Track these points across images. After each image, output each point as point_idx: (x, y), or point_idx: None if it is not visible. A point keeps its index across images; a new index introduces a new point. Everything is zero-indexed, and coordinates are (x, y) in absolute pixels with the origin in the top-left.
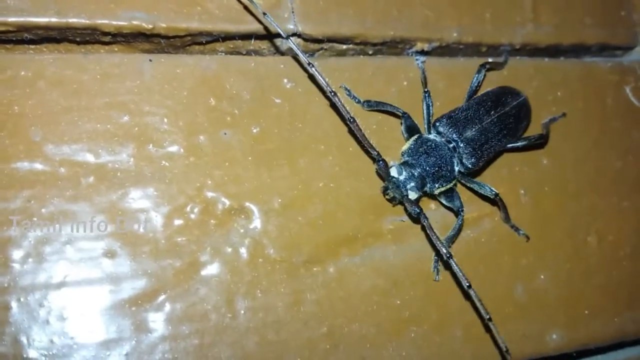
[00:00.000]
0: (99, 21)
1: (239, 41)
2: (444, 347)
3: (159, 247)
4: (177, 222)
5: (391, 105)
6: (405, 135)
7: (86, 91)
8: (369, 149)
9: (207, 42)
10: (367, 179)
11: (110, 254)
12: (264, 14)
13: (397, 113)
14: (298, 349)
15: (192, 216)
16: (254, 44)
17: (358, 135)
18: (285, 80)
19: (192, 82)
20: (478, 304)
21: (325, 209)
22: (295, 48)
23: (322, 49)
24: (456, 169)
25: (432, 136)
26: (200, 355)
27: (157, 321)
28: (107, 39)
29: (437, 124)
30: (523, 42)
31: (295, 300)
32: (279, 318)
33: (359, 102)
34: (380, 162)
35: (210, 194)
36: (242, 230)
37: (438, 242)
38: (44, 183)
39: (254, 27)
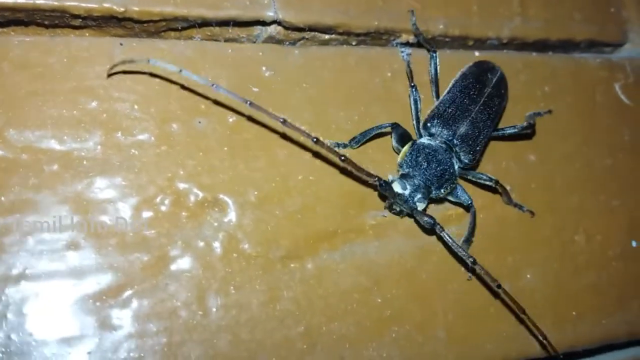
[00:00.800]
0: (68, 3)
1: (217, 28)
2: (426, 347)
3: (126, 240)
4: (146, 214)
5: (375, 127)
6: (397, 145)
7: (52, 75)
8: (367, 178)
9: (183, 29)
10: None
11: (74, 246)
12: None
13: (386, 130)
14: (273, 348)
15: (163, 208)
16: (231, 32)
17: (353, 170)
18: (264, 69)
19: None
20: (510, 303)
21: (304, 203)
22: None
23: (304, 38)
24: (456, 167)
25: (426, 140)
26: (169, 354)
27: (122, 318)
28: (78, 22)
29: (428, 125)
30: (511, 36)
31: (271, 298)
32: (254, 316)
33: (345, 146)
34: (382, 184)
35: (182, 185)
36: (215, 224)
37: (460, 250)
38: (5, 170)
39: (232, 12)
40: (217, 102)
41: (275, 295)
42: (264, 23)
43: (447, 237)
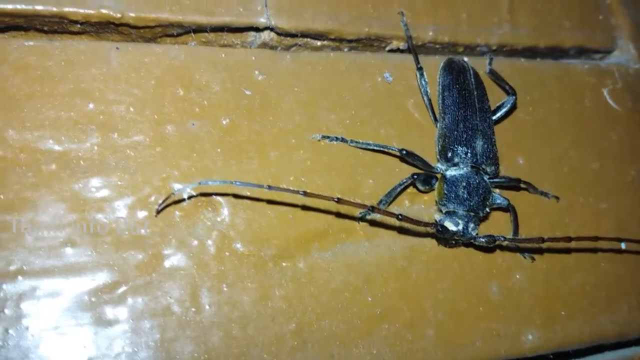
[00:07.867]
0: (67, 9)
1: (211, 34)
2: (416, 345)
3: (121, 238)
4: (141, 213)
5: (396, 185)
6: (425, 188)
7: (50, 77)
8: (425, 227)
9: (179, 35)
10: (338, 173)
11: (70, 244)
12: None
13: (407, 183)
14: (265, 345)
15: (157, 207)
16: (226, 38)
17: (411, 224)
18: (257, 72)
19: (159, 72)
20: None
21: (295, 203)
22: None
23: (297, 44)
24: (488, 182)
25: (454, 172)
26: (161, 349)
27: (117, 313)
28: (76, 28)
29: (449, 155)
30: (499, 43)
31: (263, 296)
32: (246, 313)
33: (374, 208)
34: (440, 229)
35: (176, 185)
36: (209, 223)
37: (524, 243)
38: (4, 169)
39: (226, 19)
40: (210, 105)
41: (267, 293)
42: (257, 29)
43: (510, 240)
